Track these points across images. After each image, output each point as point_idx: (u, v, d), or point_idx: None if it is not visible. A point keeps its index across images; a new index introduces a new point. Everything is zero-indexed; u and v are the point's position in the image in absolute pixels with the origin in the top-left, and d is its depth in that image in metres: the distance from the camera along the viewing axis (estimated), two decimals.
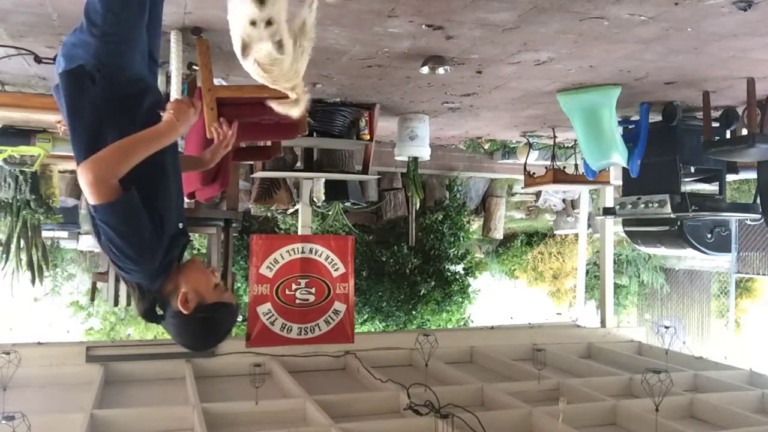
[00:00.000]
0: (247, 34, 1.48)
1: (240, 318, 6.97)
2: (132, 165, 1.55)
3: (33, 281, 5.61)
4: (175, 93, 3.03)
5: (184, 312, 1.69)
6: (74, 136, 1.68)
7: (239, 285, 6.75)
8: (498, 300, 10.46)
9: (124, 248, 1.59)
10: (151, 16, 1.82)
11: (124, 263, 1.63)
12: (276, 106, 1.77)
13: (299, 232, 5.71)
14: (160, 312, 1.76)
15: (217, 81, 3.01)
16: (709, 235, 4.53)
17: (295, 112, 1.77)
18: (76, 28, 1.75)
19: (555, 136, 5.46)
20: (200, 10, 2.70)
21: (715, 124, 4.20)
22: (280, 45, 1.50)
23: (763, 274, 8.59)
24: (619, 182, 5.08)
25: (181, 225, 1.77)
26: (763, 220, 4.48)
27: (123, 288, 4.39)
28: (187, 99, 1.70)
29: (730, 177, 4.76)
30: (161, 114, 1.66)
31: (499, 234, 8.38)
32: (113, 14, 1.65)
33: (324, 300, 4.37)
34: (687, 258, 9.32)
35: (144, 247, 1.61)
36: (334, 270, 4.40)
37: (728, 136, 4.21)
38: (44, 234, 5.89)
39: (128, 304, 4.63)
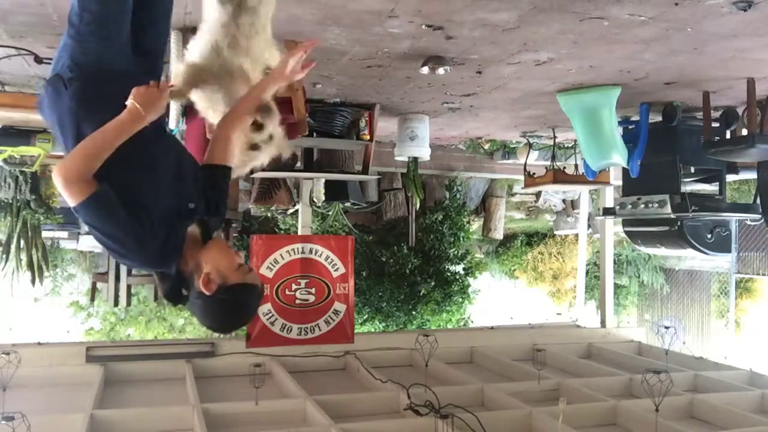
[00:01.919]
0: None
1: None
2: (99, 160, 1.53)
3: (33, 281, 5.61)
4: None
5: (207, 293, 1.65)
6: (62, 142, 1.70)
7: None
8: (498, 300, 10.46)
9: (110, 244, 1.61)
10: (152, 13, 1.80)
11: (118, 258, 1.66)
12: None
13: (299, 233, 5.71)
14: (185, 293, 1.73)
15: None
16: (709, 236, 4.52)
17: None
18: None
19: (555, 136, 5.46)
20: (201, 10, 2.70)
21: (715, 124, 4.20)
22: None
23: (763, 274, 8.59)
24: (619, 182, 5.08)
25: (192, 205, 1.74)
26: (763, 220, 4.48)
27: (123, 288, 4.40)
28: (155, 84, 1.61)
29: (730, 177, 4.76)
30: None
31: (499, 234, 8.38)
32: (90, 13, 1.65)
33: (324, 300, 4.37)
34: (687, 258, 9.32)
35: (128, 242, 1.60)
36: (334, 270, 4.40)
37: (728, 136, 4.20)
38: (44, 234, 5.90)
39: (128, 304, 4.63)
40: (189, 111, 3.15)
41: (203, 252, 1.70)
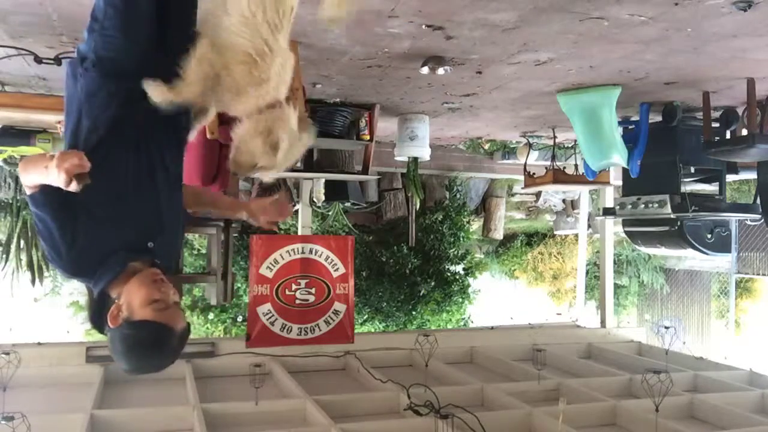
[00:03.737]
0: None
1: (240, 318, 7.02)
2: (31, 182, 1.54)
3: (33, 281, 5.62)
4: None
5: (110, 325, 1.60)
6: (65, 118, 1.71)
7: (239, 285, 6.75)
8: (498, 300, 10.46)
9: (41, 243, 1.65)
10: (176, 13, 1.76)
11: (47, 256, 1.66)
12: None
13: (299, 233, 5.71)
14: None
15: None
16: (709, 236, 4.53)
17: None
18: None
19: (555, 136, 5.46)
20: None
21: (715, 125, 4.20)
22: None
23: (763, 275, 8.59)
24: (619, 182, 5.08)
25: (150, 244, 1.69)
26: (763, 220, 4.48)
27: None
28: (76, 156, 1.44)
29: (730, 177, 4.76)
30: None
31: (499, 234, 8.38)
32: (114, 9, 1.63)
33: (324, 300, 4.37)
34: (687, 258, 9.32)
35: (54, 246, 1.60)
36: (334, 270, 4.40)
37: (728, 136, 4.21)
38: None
39: None
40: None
41: (127, 283, 1.63)
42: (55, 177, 1.42)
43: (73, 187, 1.43)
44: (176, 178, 1.83)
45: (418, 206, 6.25)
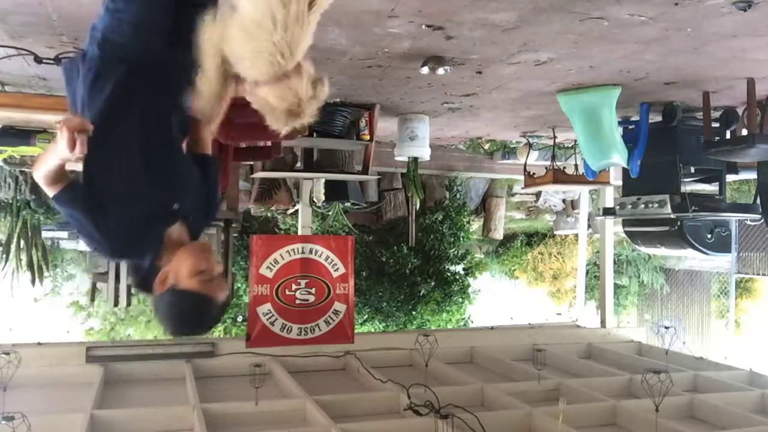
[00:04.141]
0: None
1: (240, 318, 7.02)
2: (47, 174, 1.59)
3: (33, 281, 5.62)
4: None
5: (157, 290, 1.68)
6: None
7: (239, 285, 6.75)
8: (498, 300, 10.46)
9: (81, 238, 1.73)
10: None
11: (91, 248, 1.74)
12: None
13: (299, 233, 5.71)
14: None
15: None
16: (709, 236, 4.52)
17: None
18: None
19: (555, 136, 5.46)
20: None
21: (715, 125, 4.20)
22: None
23: (763, 275, 8.59)
24: (619, 182, 5.08)
25: (176, 206, 1.74)
26: (763, 220, 4.48)
27: (123, 288, 4.40)
28: (66, 122, 1.51)
29: (730, 177, 4.76)
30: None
31: (499, 234, 8.38)
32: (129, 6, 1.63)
33: (324, 300, 4.37)
34: (687, 258, 9.32)
35: (93, 237, 1.66)
36: (334, 270, 4.40)
37: (728, 136, 4.20)
38: (44, 234, 5.90)
39: (128, 304, 4.63)
40: None
41: (176, 252, 1.69)
42: (62, 143, 1.49)
43: (78, 149, 1.48)
44: (180, 139, 1.84)
45: (418, 206, 6.25)
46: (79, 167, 1.70)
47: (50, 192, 1.62)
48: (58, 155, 1.53)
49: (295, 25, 1.58)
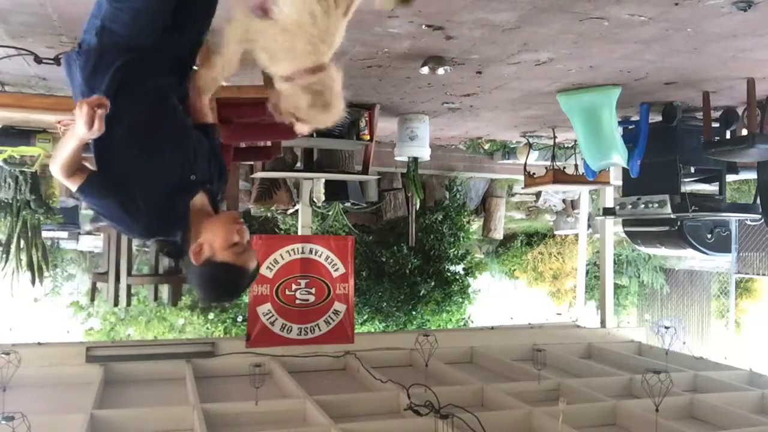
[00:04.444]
0: None
1: (240, 318, 7.02)
2: (70, 164, 1.60)
3: (33, 281, 5.61)
4: None
5: (194, 262, 1.70)
6: None
7: None
8: (498, 300, 10.46)
9: (112, 225, 1.74)
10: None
11: (126, 233, 1.80)
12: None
13: (299, 233, 5.70)
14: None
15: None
16: (709, 236, 4.53)
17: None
18: None
19: (555, 136, 5.46)
20: None
21: (715, 125, 4.20)
22: None
23: (763, 274, 8.59)
24: (619, 182, 5.08)
25: (194, 177, 1.77)
26: (763, 220, 4.48)
27: (123, 288, 4.40)
28: (83, 102, 1.52)
29: (730, 177, 4.76)
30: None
31: (499, 234, 8.38)
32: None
33: (324, 300, 4.37)
34: (687, 258, 9.32)
35: (123, 221, 1.70)
36: (334, 270, 4.40)
37: (728, 136, 4.21)
38: (44, 234, 5.89)
39: (128, 304, 4.63)
40: None
41: (206, 223, 1.73)
42: (80, 121, 1.50)
43: (97, 125, 1.50)
44: (185, 111, 1.85)
45: (418, 206, 6.25)
46: (91, 157, 1.71)
47: (73, 185, 1.62)
48: (77, 136, 1.54)
49: (335, 15, 1.65)
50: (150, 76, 1.72)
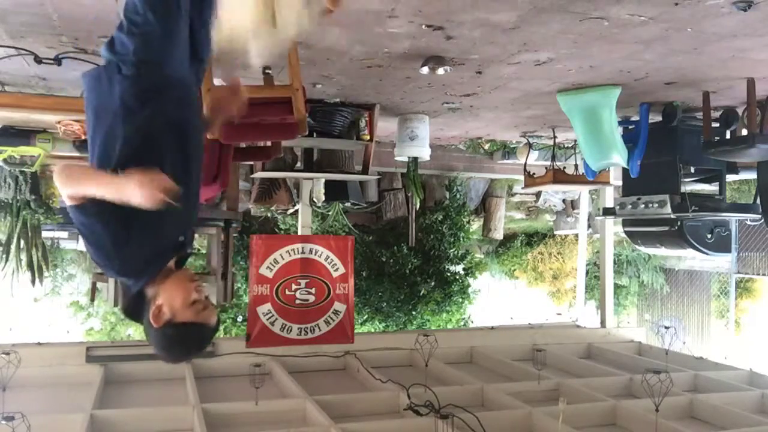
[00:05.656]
0: None
1: (240, 318, 7.02)
2: (78, 194, 1.55)
3: (33, 281, 5.62)
4: None
5: (154, 325, 1.68)
6: (90, 126, 1.72)
7: (239, 285, 6.75)
8: (498, 300, 10.47)
9: (88, 248, 1.66)
10: (201, 12, 1.79)
11: (95, 259, 1.70)
12: None
13: (299, 233, 5.71)
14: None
15: (216, 81, 3.01)
16: (709, 236, 4.52)
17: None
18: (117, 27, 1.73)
19: (555, 136, 5.46)
20: None
21: (715, 125, 4.20)
22: None
23: (763, 274, 8.59)
24: (619, 182, 5.08)
25: (182, 238, 1.75)
26: (763, 220, 4.48)
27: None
28: (166, 181, 1.51)
29: (730, 177, 4.76)
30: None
31: (499, 234, 8.38)
32: (153, 13, 1.64)
33: (324, 300, 4.37)
34: (687, 258, 9.33)
35: (104, 250, 1.64)
36: (334, 270, 4.40)
37: (728, 136, 4.20)
38: (44, 234, 5.90)
39: None
40: None
41: (165, 283, 1.69)
42: (139, 198, 1.48)
43: (150, 204, 1.48)
44: (199, 169, 1.85)
45: (418, 206, 6.25)
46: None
47: (73, 201, 1.57)
48: (124, 196, 1.50)
49: None
50: (179, 114, 1.72)
